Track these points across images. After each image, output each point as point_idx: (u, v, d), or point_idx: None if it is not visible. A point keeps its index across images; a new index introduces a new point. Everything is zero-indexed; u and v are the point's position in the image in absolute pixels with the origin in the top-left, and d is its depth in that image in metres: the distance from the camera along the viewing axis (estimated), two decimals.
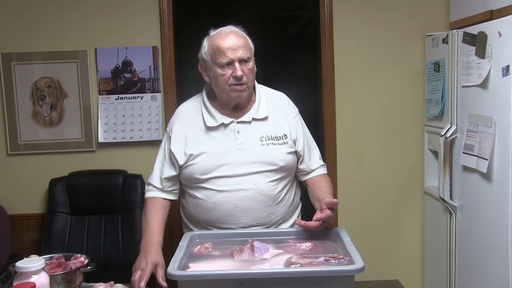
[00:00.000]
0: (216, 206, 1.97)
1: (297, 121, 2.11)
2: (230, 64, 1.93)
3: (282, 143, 2.02)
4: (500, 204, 2.40)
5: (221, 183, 1.97)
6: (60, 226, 3.07)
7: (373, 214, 3.37)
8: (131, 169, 3.22)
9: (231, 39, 1.94)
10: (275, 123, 2.05)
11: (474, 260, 2.67)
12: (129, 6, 3.23)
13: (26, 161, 3.27)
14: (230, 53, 1.92)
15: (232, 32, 1.97)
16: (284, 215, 2.05)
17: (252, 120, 2.03)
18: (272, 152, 1.99)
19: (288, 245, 1.77)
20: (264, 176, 1.98)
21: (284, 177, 2.04)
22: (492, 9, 2.60)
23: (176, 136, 2.05)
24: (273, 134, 2.02)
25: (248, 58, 1.95)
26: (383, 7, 3.28)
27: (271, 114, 2.06)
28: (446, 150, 2.85)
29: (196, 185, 2.01)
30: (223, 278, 1.49)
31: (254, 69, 2.00)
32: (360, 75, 3.32)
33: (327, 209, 1.81)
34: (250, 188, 1.96)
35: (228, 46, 1.92)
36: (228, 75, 1.94)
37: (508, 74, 2.29)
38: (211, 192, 1.98)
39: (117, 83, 3.25)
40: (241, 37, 1.97)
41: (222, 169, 1.97)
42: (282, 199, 2.04)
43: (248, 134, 2.01)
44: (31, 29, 3.21)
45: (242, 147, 1.98)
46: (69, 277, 1.76)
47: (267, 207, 1.99)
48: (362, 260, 1.51)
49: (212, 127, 2.01)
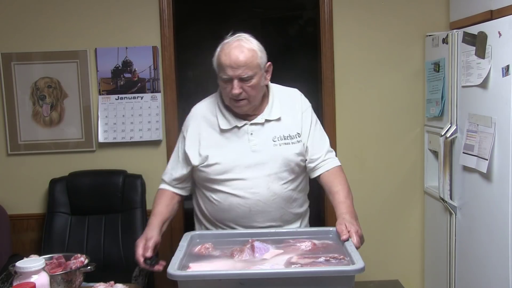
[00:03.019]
0: (231, 208, 2.00)
1: (306, 115, 2.09)
2: (229, 81, 1.93)
3: (296, 141, 2.03)
4: (500, 204, 2.40)
5: (235, 185, 1.98)
6: (60, 226, 3.07)
7: (373, 214, 3.37)
8: (131, 169, 3.22)
9: (233, 56, 1.90)
10: (288, 122, 2.05)
11: (474, 260, 2.67)
12: (129, 6, 3.23)
13: (26, 161, 3.27)
14: (229, 71, 1.91)
15: (237, 48, 1.92)
16: (297, 212, 2.08)
17: (265, 121, 2.03)
18: (284, 153, 2.00)
19: (288, 245, 1.77)
20: (278, 178, 2.00)
21: (297, 177, 2.05)
22: (492, 9, 2.60)
23: (191, 136, 2.06)
24: (286, 134, 2.03)
25: (249, 76, 1.92)
26: (383, 7, 3.28)
27: (284, 113, 2.06)
28: (446, 150, 2.85)
29: (210, 186, 2.03)
30: (223, 278, 1.49)
31: (258, 84, 1.96)
32: (360, 75, 3.32)
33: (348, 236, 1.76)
34: (263, 192, 1.98)
35: (228, 63, 1.90)
36: (228, 90, 1.94)
37: (508, 74, 2.29)
38: (226, 195, 2.00)
39: (117, 83, 3.25)
40: (246, 52, 1.92)
41: (236, 171, 1.98)
42: (296, 199, 2.06)
43: (262, 135, 2.01)
44: (31, 29, 3.21)
45: (256, 148, 1.99)
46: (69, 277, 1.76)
47: (281, 208, 2.02)
48: (362, 260, 1.51)
49: (226, 129, 2.02)
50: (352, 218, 1.88)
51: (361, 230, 1.82)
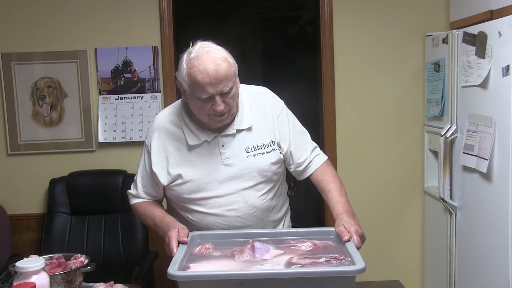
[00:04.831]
0: (210, 227, 1.91)
1: (281, 119, 1.95)
2: (210, 99, 1.75)
3: (271, 150, 1.91)
4: (500, 204, 2.40)
5: (211, 204, 1.88)
6: (60, 226, 3.07)
7: (373, 214, 3.37)
8: (131, 169, 3.21)
9: (211, 72, 1.70)
10: (260, 130, 1.92)
11: (474, 260, 2.67)
12: (129, 6, 3.23)
13: (26, 161, 3.27)
14: (210, 89, 1.71)
15: (211, 62, 1.71)
16: (277, 218, 2.02)
17: (236, 131, 1.88)
18: (259, 163, 1.89)
19: (289, 245, 1.76)
20: (254, 190, 1.90)
21: (274, 185, 1.96)
22: (492, 9, 2.60)
23: (157, 153, 1.90)
24: (260, 143, 1.90)
25: (229, 88, 1.75)
26: (383, 7, 3.28)
27: (256, 120, 1.92)
28: (446, 150, 2.85)
29: (185, 205, 1.92)
30: (223, 279, 1.49)
31: (237, 93, 1.81)
32: (360, 75, 3.32)
33: (348, 236, 1.72)
34: (241, 207, 1.89)
35: (208, 81, 1.70)
36: (207, 108, 1.76)
37: (508, 74, 2.29)
38: (202, 215, 1.90)
39: (117, 83, 3.25)
40: (222, 63, 1.73)
41: (210, 188, 1.87)
42: (274, 207, 1.99)
43: (233, 147, 1.88)
44: (31, 29, 3.21)
45: (228, 162, 1.87)
46: (69, 277, 1.76)
47: (261, 220, 1.95)
48: (363, 260, 1.51)
49: (195, 145, 1.87)
50: (350, 218, 1.83)
51: (360, 229, 1.78)
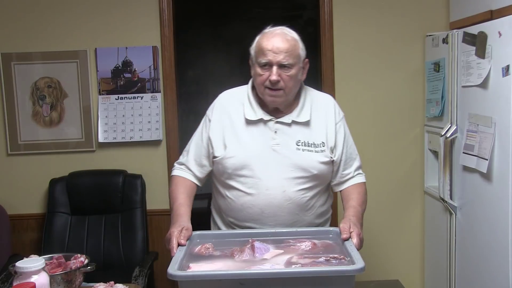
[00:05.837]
0: (244, 208, 1.95)
1: (339, 127, 2.02)
2: (268, 67, 1.88)
3: (320, 150, 1.95)
4: (500, 204, 2.40)
5: (250, 184, 1.93)
6: (60, 226, 3.08)
7: (373, 214, 3.35)
8: (131, 169, 3.22)
9: (276, 41, 1.88)
10: (315, 129, 1.98)
11: (474, 260, 2.66)
12: (129, 6, 3.23)
13: (26, 161, 3.27)
14: (270, 55, 1.87)
15: (280, 35, 1.90)
16: (310, 223, 2.01)
17: (292, 122, 1.96)
18: (306, 159, 1.93)
19: (288, 245, 1.77)
20: (294, 183, 1.93)
21: (315, 186, 1.98)
22: (492, 9, 2.60)
23: (216, 123, 1.99)
24: (311, 141, 1.96)
25: (289, 64, 1.88)
26: (383, 7, 3.28)
27: (314, 119, 1.99)
28: (446, 150, 2.85)
29: (226, 181, 1.97)
30: (223, 279, 1.49)
31: (296, 76, 1.92)
32: (360, 75, 3.32)
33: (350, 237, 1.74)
34: (277, 195, 1.92)
35: (270, 47, 1.87)
36: (265, 77, 1.89)
37: (508, 74, 2.29)
38: (240, 194, 1.95)
39: (117, 83, 3.25)
40: (289, 41, 1.90)
41: (253, 168, 1.92)
42: (311, 208, 1.99)
43: (285, 136, 1.95)
44: (31, 29, 3.21)
45: (277, 148, 1.93)
46: (69, 277, 1.75)
47: (294, 214, 1.96)
48: (362, 260, 1.51)
49: (250, 120, 1.96)
50: (358, 222, 1.87)
51: (363, 235, 1.81)
